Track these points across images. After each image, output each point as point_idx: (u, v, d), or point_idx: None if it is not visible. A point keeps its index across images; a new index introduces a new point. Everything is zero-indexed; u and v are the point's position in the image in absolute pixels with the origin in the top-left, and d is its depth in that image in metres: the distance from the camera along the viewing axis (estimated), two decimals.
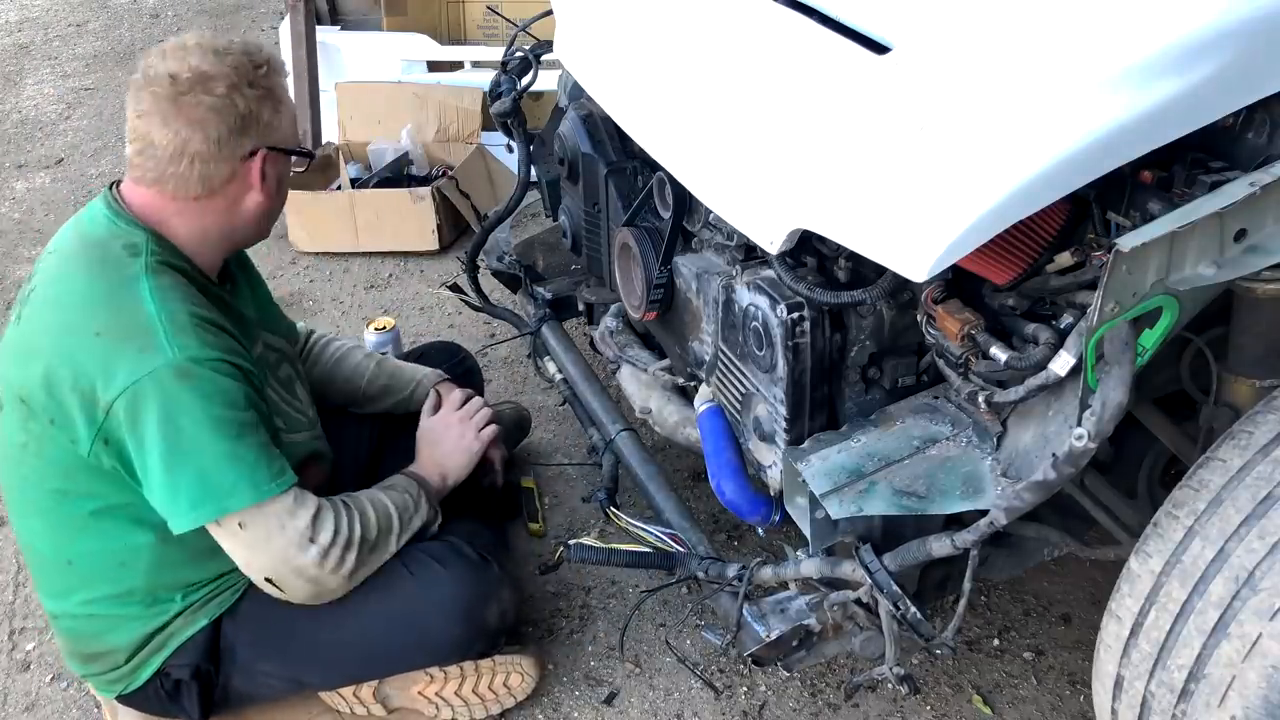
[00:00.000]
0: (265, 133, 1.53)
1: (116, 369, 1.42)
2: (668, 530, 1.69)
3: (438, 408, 1.91)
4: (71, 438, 1.46)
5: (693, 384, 1.78)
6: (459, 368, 2.15)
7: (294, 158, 1.62)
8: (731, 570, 1.55)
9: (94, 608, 1.60)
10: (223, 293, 1.62)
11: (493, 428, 1.90)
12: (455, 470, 1.82)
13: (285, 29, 3.66)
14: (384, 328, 2.54)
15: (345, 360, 2.00)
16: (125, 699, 1.67)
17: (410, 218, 3.22)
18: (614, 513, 1.77)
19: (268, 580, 1.53)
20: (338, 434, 1.91)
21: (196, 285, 1.54)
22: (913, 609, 1.31)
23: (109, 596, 1.59)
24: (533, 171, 2.18)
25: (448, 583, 1.65)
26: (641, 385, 1.92)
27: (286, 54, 3.67)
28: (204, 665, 1.64)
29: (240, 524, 1.48)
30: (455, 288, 2.42)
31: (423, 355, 2.19)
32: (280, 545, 1.50)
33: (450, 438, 1.85)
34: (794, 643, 1.48)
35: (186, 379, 1.43)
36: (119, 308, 1.45)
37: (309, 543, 1.51)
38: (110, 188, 1.57)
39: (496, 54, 2.61)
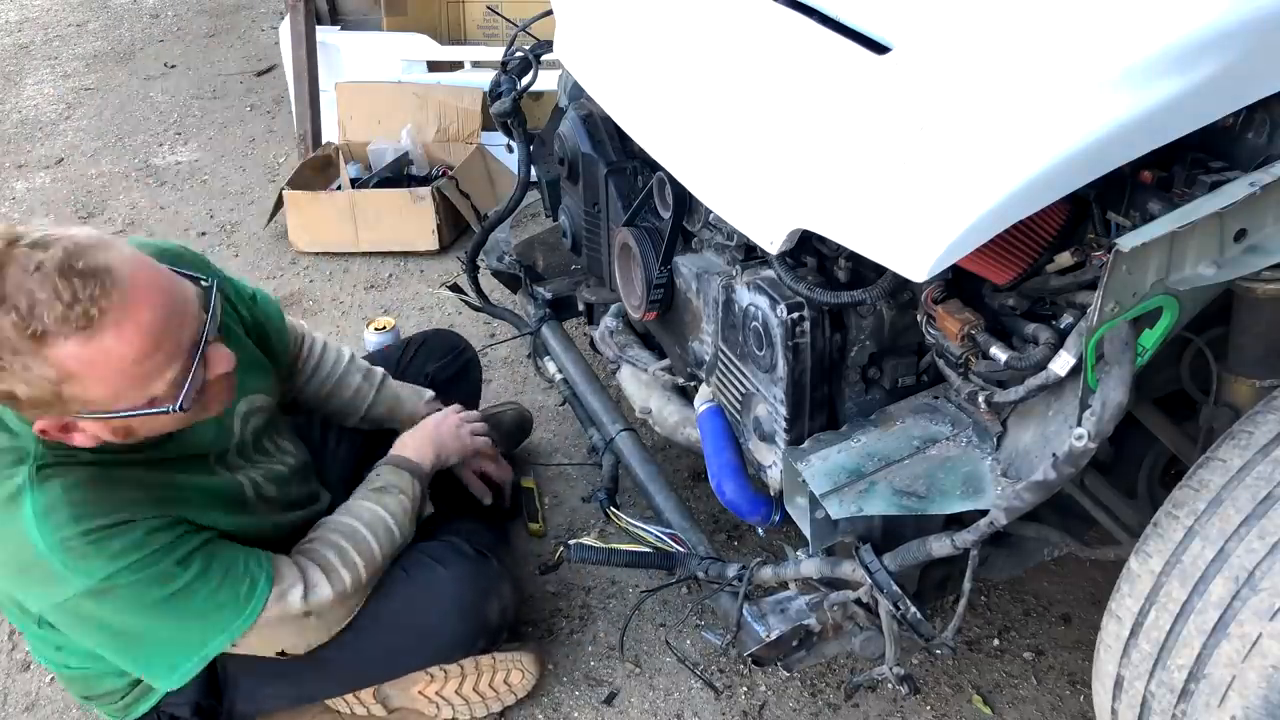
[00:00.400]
0: (44, 411, 1.23)
1: (30, 597, 1.38)
2: (668, 530, 1.69)
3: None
4: (26, 621, 1.45)
5: (693, 384, 1.78)
6: (459, 359, 2.14)
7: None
8: (731, 570, 1.55)
9: (76, 669, 1.59)
10: (159, 449, 1.40)
11: (485, 434, 1.88)
12: (446, 451, 1.77)
13: (285, 29, 3.66)
14: (384, 328, 2.55)
15: (344, 383, 1.88)
16: None
17: (410, 218, 3.22)
18: (614, 513, 1.77)
19: (284, 653, 1.52)
20: (324, 441, 1.91)
21: (101, 468, 1.32)
22: (913, 609, 1.31)
23: (86, 665, 1.57)
24: (533, 171, 2.18)
25: (448, 581, 1.65)
26: (641, 385, 1.92)
27: (286, 54, 3.68)
28: (204, 701, 1.62)
29: (234, 645, 1.45)
30: (455, 288, 2.42)
31: (424, 343, 2.16)
32: (283, 635, 1.49)
33: (447, 426, 1.83)
34: (794, 643, 1.48)
35: (104, 596, 1.32)
36: (7, 540, 1.29)
37: (306, 617, 1.49)
38: None
39: (496, 54, 2.61)
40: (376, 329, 2.56)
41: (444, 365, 2.11)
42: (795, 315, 1.40)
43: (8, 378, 1.18)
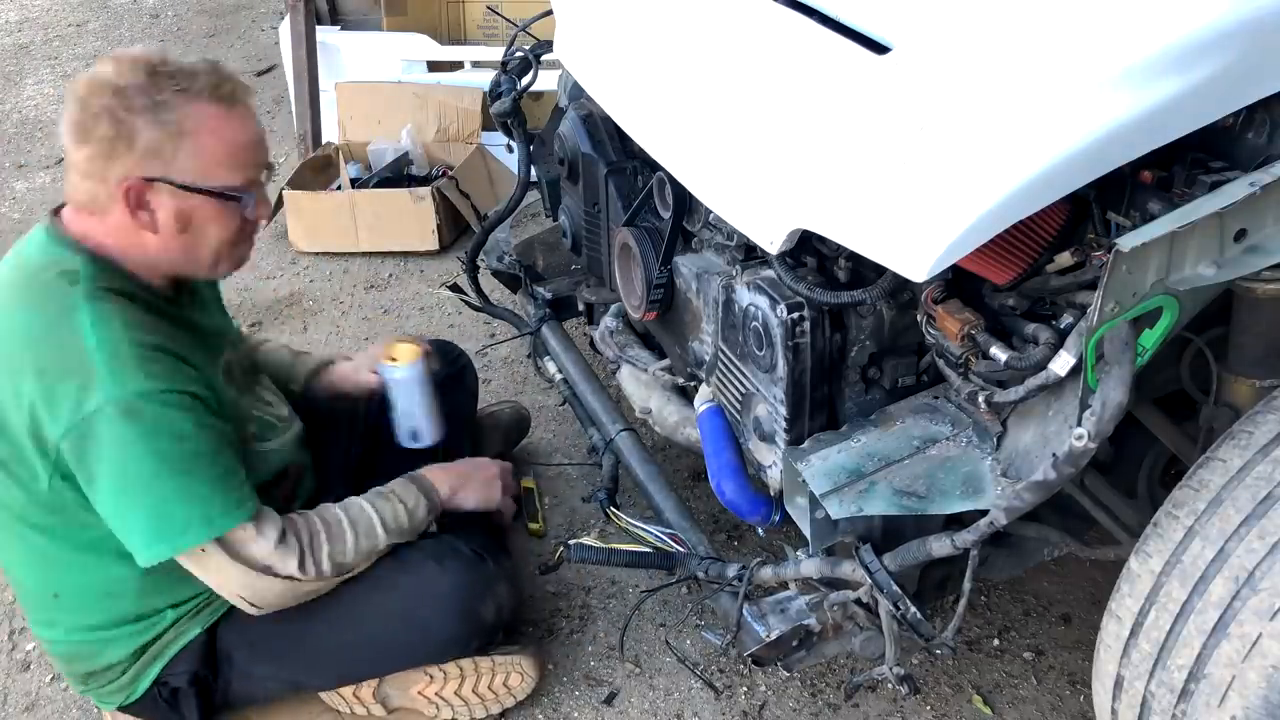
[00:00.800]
0: (146, 161, 1.39)
1: (60, 408, 1.38)
2: (668, 530, 1.69)
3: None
4: (32, 475, 1.44)
5: (693, 384, 1.78)
6: (454, 366, 2.13)
7: (231, 202, 1.46)
8: (731, 570, 1.55)
9: (84, 634, 1.60)
10: (179, 310, 1.55)
11: (510, 493, 1.89)
12: (468, 500, 1.78)
13: (285, 29, 3.66)
14: (408, 360, 1.86)
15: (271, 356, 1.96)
16: (126, 709, 1.67)
17: (410, 218, 3.21)
18: (614, 513, 1.77)
19: (241, 598, 1.53)
20: (324, 437, 1.91)
21: (145, 307, 1.47)
22: (913, 609, 1.31)
23: (98, 624, 1.59)
24: (533, 171, 2.18)
25: (444, 579, 1.65)
26: (641, 385, 1.92)
27: (286, 54, 3.67)
28: (201, 672, 1.63)
29: (202, 550, 1.47)
30: (455, 288, 2.42)
31: None
32: (242, 573, 1.49)
33: (483, 473, 1.82)
34: (794, 643, 1.48)
35: (130, 416, 1.38)
36: (59, 343, 1.40)
37: (269, 573, 1.50)
38: (53, 212, 1.51)
39: (496, 54, 2.61)
40: (399, 361, 1.86)
41: (438, 371, 2.10)
42: (795, 315, 1.40)
43: (138, 119, 1.37)
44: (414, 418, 1.88)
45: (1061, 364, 1.16)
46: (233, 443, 1.52)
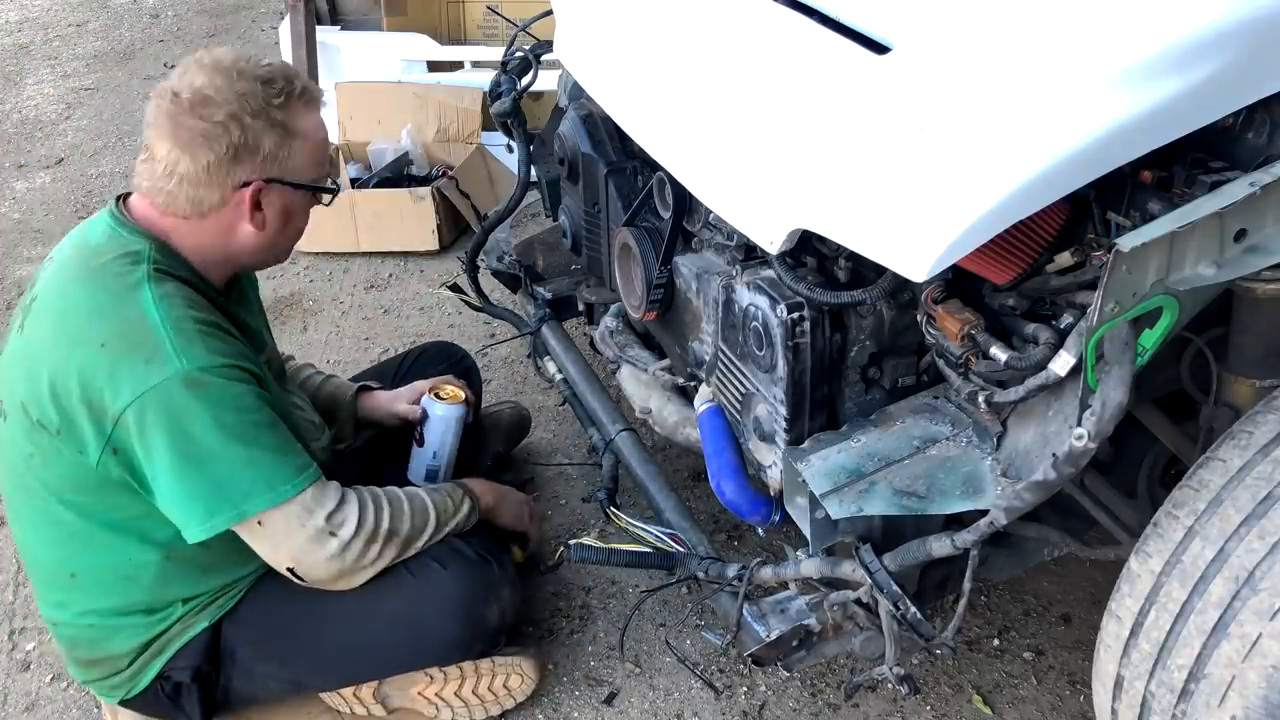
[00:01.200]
0: (266, 165, 1.50)
1: (123, 380, 1.41)
2: (668, 530, 1.69)
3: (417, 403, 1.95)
4: (80, 448, 1.45)
5: (693, 384, 1.78)
6: (457, 368, 2.15)
7: (318, 193, 1.59)
8: (731, 570, 1.55)
9: (93, 619, 1.60)
10: (228, 304, 1.61)
11: (539, 520, 1.98)
12: (504, 516, 1.84)
13: (285, 29, 3.66)
14: (452, 399, 1.95)
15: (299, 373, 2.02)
16: (127, 703, 1.67)
17: (410, 218, 3.22)
18: (614, 513, 1.77)
19: (290, 570, 1.54)
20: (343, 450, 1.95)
21: (200, 294, 1.53)
22: (913, 609, 1.31)
23: (110, 609, 1.59)
24: (533, 171, 2.18)
25: (448, 582, 1.65)
26: (641, 385, 1.92)
27: (287, 54, 3.67)
28: (204, 667, 1.64)
29: (259, 522, 1.49)
30: (455, 288, 2.42)
31: (421, 354, 2.19)
32: (300, 541, 1.51)
33: (515, 496, 1.90)
34: (794, 643, 1.48)
35: (195, 388, 1.42)
36: (123, 318, 1.44)
37: (329, 537, 1.52)
38: (118, 199, 1.56)
39: (496, 54, 2.61)
40: (443, 398, 1.95)
41: (443, 372, 2.11)
42: (795, 315, 1.40)
43: (263, 129, 1.47)
44: (440, 459, 1.94)
45: (1061, 364, 1.16)
46: (288, 417, 1.57)
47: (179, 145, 1.45)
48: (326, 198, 1.62)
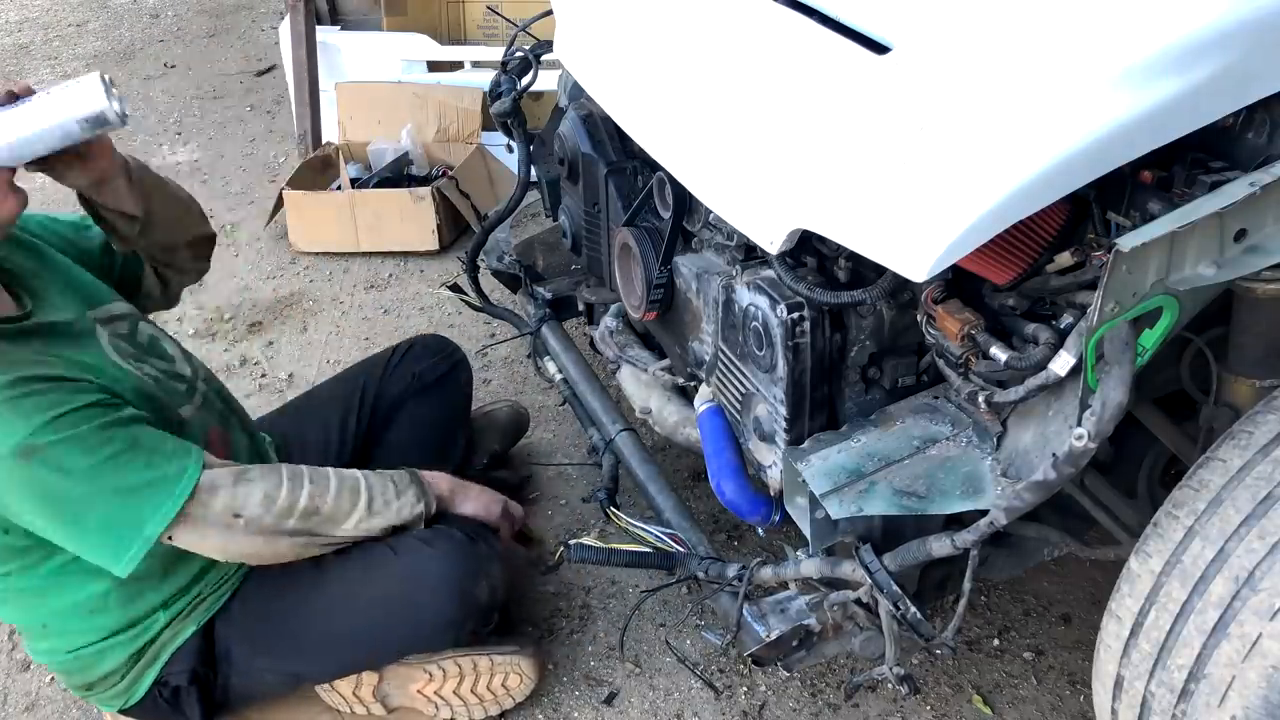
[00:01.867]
0: None
1: None
2: (668, 530, 1.69)
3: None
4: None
5: (693, 384, 1.78)
6: (447, 362, 2.11)
7: None
8: (731, 570, 1.55)
9: (78, 652, 1.60)
10: (24, 322, 1.46)
11: (516, 524, 1.88)
12: (466, 504, 1.77)
13: (285, 29, 3.66)
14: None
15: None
16: (127, 712, 1.68)
17: (410, 218, 3.22)
18: (614, 513, 1.77)
19: (226, 559, 1.55)
20: (308, 422, 1.94)
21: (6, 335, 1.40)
22: (913, 609, 1.31)
23: (90, 642, 1.59)
24: (533, 171, 2.18)
25: (436, 561, 1.65)
26: (641, 385, 1.92)
27: (286, 54, 3.68)
28: (200, 669, 1.64)
29: (169, 537, 1.47)
30: (455, 288, 2.42)
31: (412, 347, 2.13)
32: (214, 538, 1.50)
33: (482, 490, 1.83)
34: (794, 643, 1.48)
35: (31, 456, 1.35)
36: None
37: (234, 519, 1.49)
38: None
39: (496, 54, 2.60)
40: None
41: (432, 365, 2.08)
42: (795, 315, 1.40)
43: None
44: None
45: (1061, 364, 1.16)
46: (152, 400, 1.51)
47: None
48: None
